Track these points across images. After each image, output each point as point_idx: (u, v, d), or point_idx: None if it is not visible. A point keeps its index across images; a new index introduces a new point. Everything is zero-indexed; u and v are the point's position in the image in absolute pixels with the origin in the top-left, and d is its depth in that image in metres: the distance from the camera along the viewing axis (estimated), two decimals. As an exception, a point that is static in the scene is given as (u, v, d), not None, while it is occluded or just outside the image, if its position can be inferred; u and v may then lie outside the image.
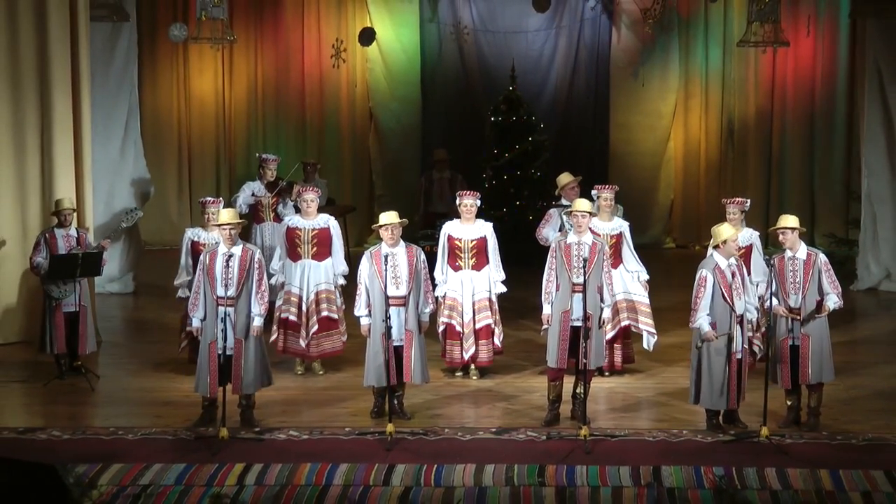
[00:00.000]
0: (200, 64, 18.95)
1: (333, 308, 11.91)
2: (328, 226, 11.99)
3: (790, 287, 10.33)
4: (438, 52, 19.18)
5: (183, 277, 11.96)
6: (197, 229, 12.16)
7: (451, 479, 9.45)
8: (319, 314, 11.86)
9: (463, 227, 11.86)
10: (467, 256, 11.79)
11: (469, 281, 11.82)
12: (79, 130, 13.43)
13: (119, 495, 9.14)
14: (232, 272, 10.45)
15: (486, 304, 11.84)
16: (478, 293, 11.83)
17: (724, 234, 10.25)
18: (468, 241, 11.79)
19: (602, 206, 11.75)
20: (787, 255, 10.39)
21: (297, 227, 11.97)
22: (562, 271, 10.56)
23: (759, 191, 18.78)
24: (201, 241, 11.94)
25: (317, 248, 11.90)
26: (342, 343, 12.02)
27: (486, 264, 11.84)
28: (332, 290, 11.95)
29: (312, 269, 11.89)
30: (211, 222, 11.92)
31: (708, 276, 10.16)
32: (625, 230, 11.85)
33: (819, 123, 18.68)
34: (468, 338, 11.79)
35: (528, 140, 17.64)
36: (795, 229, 10.40)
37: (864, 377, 12.03)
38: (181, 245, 12.08)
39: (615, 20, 18.89)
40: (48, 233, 12.19)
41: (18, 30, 13.11)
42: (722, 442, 10.17)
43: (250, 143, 19.11)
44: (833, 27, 18.41)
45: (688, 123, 19.14)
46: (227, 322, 10.30)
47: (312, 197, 12.03)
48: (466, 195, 11.93)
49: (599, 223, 11.65)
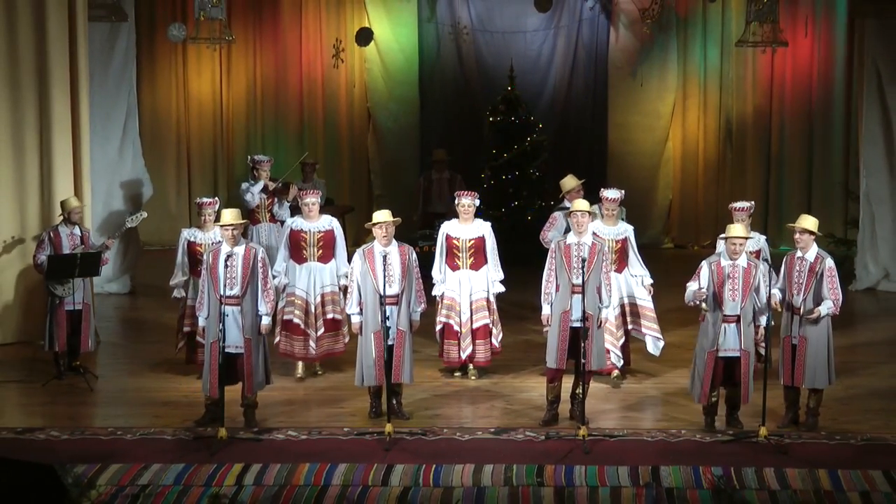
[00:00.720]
0: (199, 64, 18.95)
1: (338, 309, 11.91)
2: (332, 227, 11.98)
3: (794, 286, 10.39)
4: (437, 52, 19.18)
5: (179, 277, 11.99)
6: (193, 230, 12.17)
7: (449, 479, 9.45)
8: (325, 316, 11.87)
9: (461, 227, 11.87)
10: (465, 256, 11.81)
11: (467, 280, 11.83)
12: (77, 130, 13.43)
13: (118, 495, 9.14)
14: (235, 271, 10.47)
15: (483, 304, 11.85)
16: (475, 293, 11.84)
17: (729, 231, 10.37)
18: (466, 241, 11.80)
19: (607, 210, 11.74)
20: (797, 255, 10.46)
21: (301, 230, 11.92)
22: (561, 272, 10.56)
23: (758, 191, 18.80)
24: (198, 241, 11.96)
25: (322, 250, 11.88)
26: (344, 345, 12.02)
27: (485, 264, 11.85)
28: (336, 291, 11.94)
29: (318, 271, 11.89)
30: (207, 223, 11.97)
31: (704, 266, 10.28)
32: (630, 234, 11.80)
33: (817, 123, 18.69)
34: (465, 337, 11.80)
35: (526, 140, 17.65)
36: (813, 234, 10.43)
37: (862, 377, 12.04)
38: (178, 245, 12.09)
39: (613, 20, 18.89)
40: (52, 231, 12.20)
41: (17, 30, 13.11)
42: (720, 442, 10.17)
43: (249, 142, 19.10)
44: (831, 27, 18.42)
45: (686, 123, 19.14)
46: (225, 321, 10.30)
47: (314, 200, 11.98)
48: (464, 195, 11.95)
49: (604, 227, 11.64)
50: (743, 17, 17.71)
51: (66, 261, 11.89)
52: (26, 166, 13.27)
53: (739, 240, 10.22)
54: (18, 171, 13.26)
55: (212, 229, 11.95)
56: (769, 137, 18.91)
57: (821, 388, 10.49)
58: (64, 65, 13.27)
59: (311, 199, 11.97)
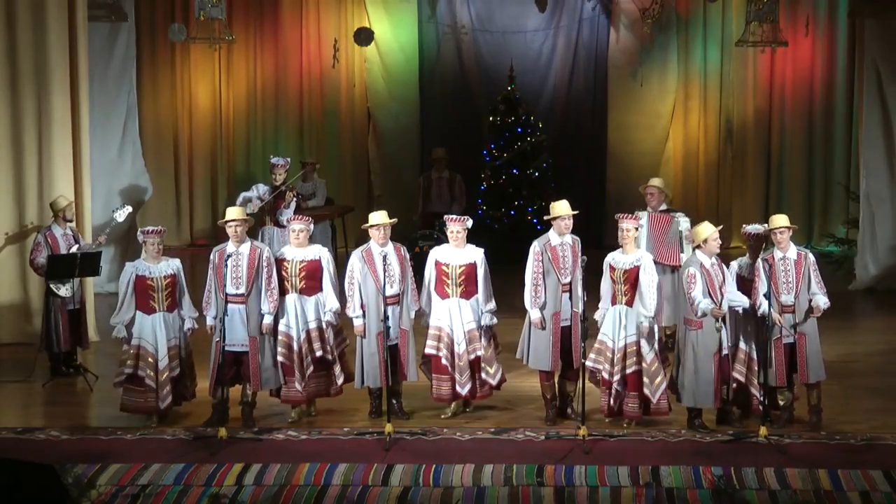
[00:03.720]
0: (199, 64, 18.93)
1: (327, 347, 10.74)
2: (318, 258, 10.75)
3: (783, 287, 10.38)
4: (437, 52, 19.15)
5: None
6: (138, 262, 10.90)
7: (449, 479, 9.46)
8: (314, 353, 10.70)
9: (451, 252, 10.80)
10: (455, 284, 10.71)
11: (457, 309, 10.74)
12: (77, 131, 13.43)
13: (118, 495, 9.15)
14: (241, 270, 10.48)
15: (477, 335, 10.76)
16: (467, 323, 10.73)
17: (703, 232, 10.35)
18: (456, 267, 10.72)
19: (623, 236, 10.52)
20: (778, 256, 10.43)
21: (284, 259, 10.74)
22: (550, 273, 10.57)
23: (758, 191, 18.78)
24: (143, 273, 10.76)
25: (305, 281, 10.67)
26: (338, 388, 10.87)
27: (476, 293, 10.76)
28: (322, 328, 10.73)
29: (302, 305, 10.70)
30: (150, 253, 10.75)
31: (696, 273, 10.21)
32: (644, 263, 10.46)
33: (817, 124, 18.66)
34: (462, 371, 10.71)
35: (526, 140, 17.63)
36: (791, 228, 10.46)
37: (862, 377, 12.04)
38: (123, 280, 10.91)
39: (614, 20, 18.86)
40: (47, 232, 12.19)
41: (16, 30, 13.12)
42: (720, 442, 10.17)
43: (249, 143, 19.09)
44: (831, 27, 18.40)
45: (686, 123, 19.11)
46: (226, 321, 10.32)
47: (301, 227, 10.75)
48: (452, 221, 10.86)
49: (619, 256, 10.51)
50: (743, 17, 17.68)
51: (66, 261, 11.90)
52: (25, 167, 13.28)
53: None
54: (17, 171, 13.26)
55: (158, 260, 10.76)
56: (769, 138, 18.88)
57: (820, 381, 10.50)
58: (63, 65, 13.26)
59: (298, 226, 10.77)
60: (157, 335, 10.62)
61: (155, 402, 10.57)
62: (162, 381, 10.55)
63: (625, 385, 10.41)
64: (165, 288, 10.62)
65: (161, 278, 10.62)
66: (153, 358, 10.55)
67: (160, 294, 10.62)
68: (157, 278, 10.62)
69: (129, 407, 10.70)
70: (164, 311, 10.64)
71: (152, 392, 10.55)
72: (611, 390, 10.41)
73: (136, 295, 10.67)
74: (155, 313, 10.61)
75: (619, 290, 10.40)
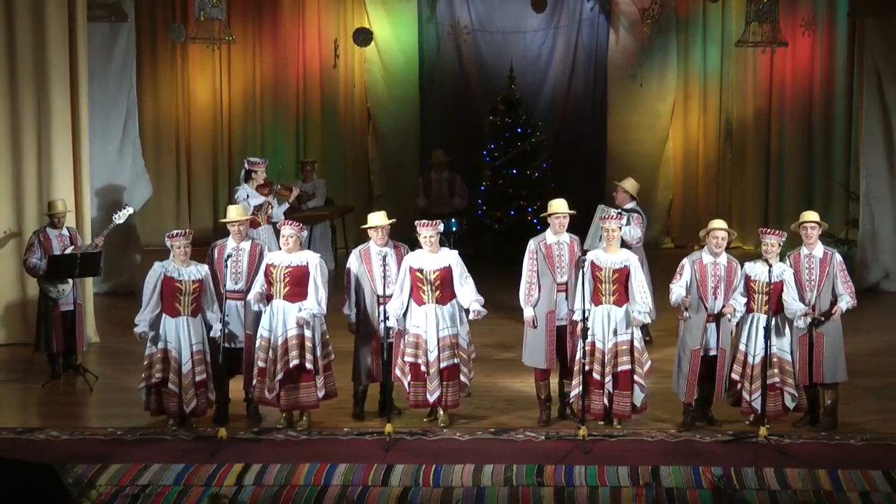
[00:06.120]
0: (199, 64, 18.92)
1: (308, 356, 10.39)
2: (305, 263, 10.44)
3: (805, 284, 10.35)
4: (436, 53, 19.16)
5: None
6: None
7: (449, 479, 9.46)
8: (288, 362, 10.35)
9: (425, 257, 10.56)
10: (430, 289, 10.49)
11: (433, 315, 10.53)
12: (77, 131, 13.42)
13: (118, 495, 9.15)
14: (241, 266, 10.54)
15: (451, 342, 10.54)
16: (442, 329, 10.51)
17: (708, 226, 10.41)
18: (430, 272, 10.48)
19: (608, 236, 10.51)
20: (804, 253, 10.42)
21: (271, 264, 10.48)
22: (545, 272, 10.58)
23: (758, 191, 18.79)
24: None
25: (289, 287, 10.37)
26: (317, 399, 10.52)
27: (452, 298, 10.55)
28: (304, 335, 10.40)
29: (284, 311, 10.40)
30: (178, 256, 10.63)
31: (686, 266, 10.25)
32: (632, 263, 10.46)
33: (817, 124, 18.65)
34: (433, 379, 10.50)
35: (526, 140, 17.64)
36: (821, 225, 10.45)
37: (861, 377, 12.01)
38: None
39: (613, 21, 18.87)
40: (41, 233, 12.19)
41: (16, 30, 13.11)
42: (720, 442, 10.18)
43: (249, 143, 19.08)
44: (831, 27, 18.40)
45: (686, 124, 19.12)
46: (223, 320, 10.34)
47: (291, 232, 10.46)
48: (423, 226, 10.59)
49: (603, 255, 10.45)
50: (743, 17, 17.69)
51: (66, 261, 11.90)
52: (25, 167, 13.26)
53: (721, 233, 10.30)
54: (17, 171, 13.25)
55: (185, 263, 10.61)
56: (769, 138, 18.88)
57: (842, 381, 10.48)
58: (63, 65, 13.26)
59: (287, 231, 10.48)
60: (181, 339, 10.45)
61: (178, 406, 10.44)
62: (185, 385, 10.40)
63: (616, 385, 10.39)
64: (192, 292, 10.44)
65: (189, 282, 10.43)
66: (177, 362, 10.41)
67: (186, 298, 10.45)
68: (185, 282, 10.43)
69: (152, 408, 10.57)
70: (189, 315, 10.47)
71: (175, 396, 10.41)
72: (602, 391, 10.40)
73: (162, 296, 10.51)
74: (179, 316, 10.43)
75: (607, 290, 10.35)
